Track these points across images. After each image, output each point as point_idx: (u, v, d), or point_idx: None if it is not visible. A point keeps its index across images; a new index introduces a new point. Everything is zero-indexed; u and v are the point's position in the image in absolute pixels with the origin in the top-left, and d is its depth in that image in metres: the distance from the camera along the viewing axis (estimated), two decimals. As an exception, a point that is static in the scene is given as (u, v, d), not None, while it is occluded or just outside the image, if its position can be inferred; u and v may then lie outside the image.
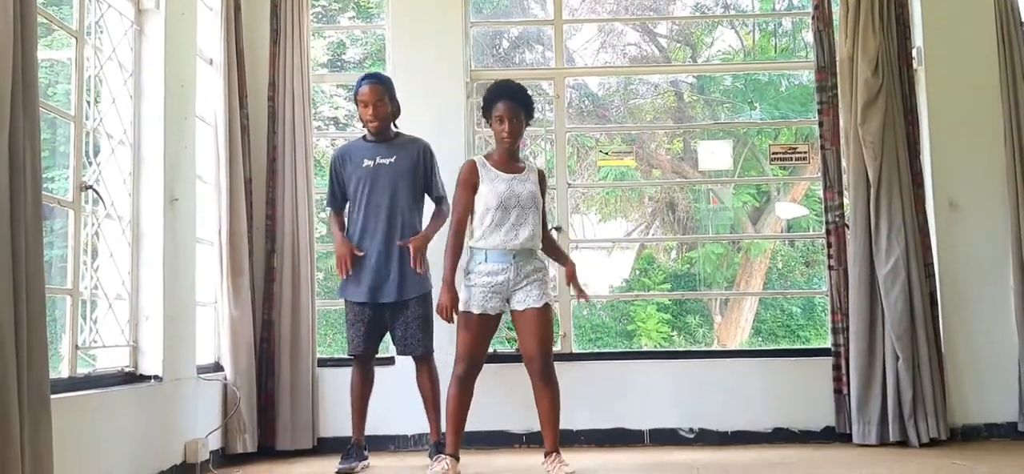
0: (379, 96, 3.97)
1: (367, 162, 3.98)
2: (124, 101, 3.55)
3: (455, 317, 3.64)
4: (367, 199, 3.96)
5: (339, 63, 10.46)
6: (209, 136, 4.26)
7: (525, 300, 3.66)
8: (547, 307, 3.66)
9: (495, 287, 3.63)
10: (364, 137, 4.09)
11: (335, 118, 10.37)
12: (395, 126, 4.11)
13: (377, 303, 3.92)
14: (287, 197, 4.55)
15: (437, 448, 3.85)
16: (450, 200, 3.92)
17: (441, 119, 4.62)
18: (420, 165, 4.02)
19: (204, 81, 4.20)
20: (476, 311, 3.62)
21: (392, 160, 3.98)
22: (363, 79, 4.02)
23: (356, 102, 4.02)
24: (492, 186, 3.65)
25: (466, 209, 3.70)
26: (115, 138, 3.49)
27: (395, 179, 3.95)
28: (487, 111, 3.74)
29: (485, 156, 3.80)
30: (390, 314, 3.95)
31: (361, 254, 3.92)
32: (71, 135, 3.20)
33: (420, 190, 4.03)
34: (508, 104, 3.67)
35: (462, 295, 3.67)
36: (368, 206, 3.95)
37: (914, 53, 4.68)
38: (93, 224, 3.33)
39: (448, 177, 4.04)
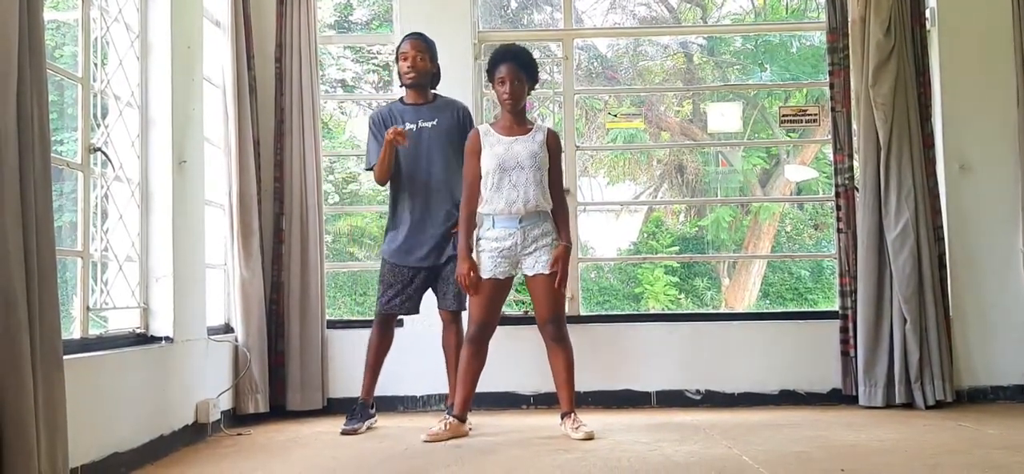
0: (419, 50, 3.99)
1: (408, 125, 3.95)
2: (131, 63, 3.55)
3: (475, 282, 3.67)
4: (410, 163, 3.94)
5: (346, 24, 10.40)
6: (217, 98, 4.26)
7: (535, 265, 3.70)
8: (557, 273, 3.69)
9: (503, 252, 3.69)
10: (402, 100, 4.08)
11: (342, 80, 10.34)
12: (433, 90, 4.11)
13: (419, 266, 3.94)
14: (295, 159, 4.55)
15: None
16: None
17: (448, 80, 4.58)
18: (460, 128, 4.00)
19: (211, 42, 4.19)
20: (486, 276, 3.68)
21: (433, 123, 3.98)
22: (407, 36, 4.07)
23: (397, 59, 4.04)
24: (491, 150, 3.70)
25: (475, 177, 3.75)
26: (123, 100, 3.49)
27: (437, 142, 3.95)
28: (490, 74, 3.78)
29: (491, 123, 3.86)
30: (430, 275, 3.97)
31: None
32: (78, 97, 3.21)
33: (459, 152, 4.01)
34: (509, 66, 3.70)
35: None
36: (410, 170, 3.94)
37: (927, 13, 4.62)
38: (102, 186, 3.34)
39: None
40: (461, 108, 4.07)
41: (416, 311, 4.04)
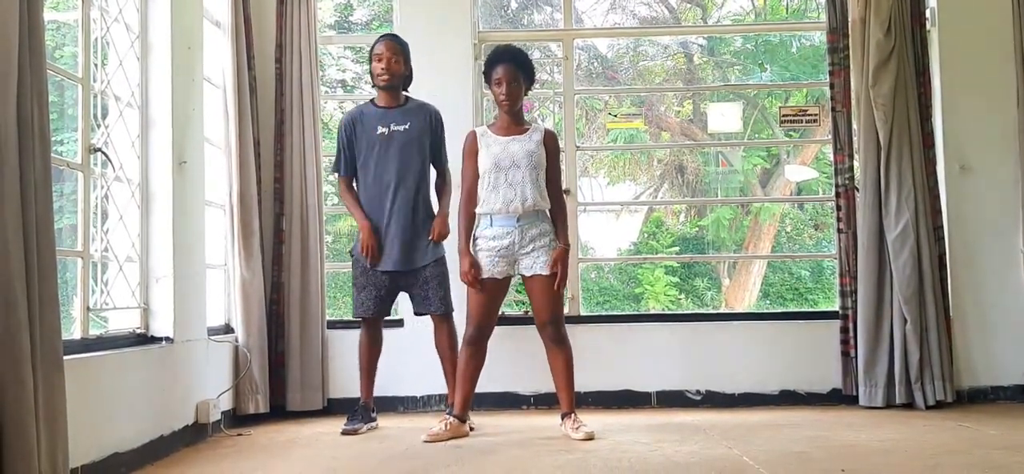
0: (394, 52, 3.96)
1: (381, 129, 3.94)
2: (131, 63, 3.55)
3: (477, 280, 3.67)
4: (382, 168, 3.92)
5: (346, 25, 10.40)
6: (217, 98, 4.26)
7: (533, 266, 3.69)
8: (555, 274, 3.69)
9: (500, 251, 3.69)
10: (373, 101, 4.06)
11: (342, 81, 10.34)
12: (404, 92, 4.09)
13: (388, 270, 3.93)
14: (295, 159, 4.55)
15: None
16: (450, 167, 4.02)
17: (448, 81, 4.60)
18: (432, 132, 4.00)
19: (211, 42, 4.19)
20: (483, 276, 3.69)
21: (405, 127, 3.95)
22: (381, 36, 4.05)
23: (370, 59, 4.01)
24: (488, 150, 3.71)
25: (473, 179, 3.75)
26: (123, 100, 3.49)
27: (409, 147, 3.93)
28: (487, 75, 3.78)
29: (488, 124, 3.87)
30: (404, 280, 3.96)
31: (379, 231, 3.90)
32: (79, 98, 3.20)
33: (432, 156, 4.03)
34: (506, 67, 3.70)
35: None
36: (382, 175, 3.92)
37: (927, 13, 4.62)
38: (102, 187, 3.34)
39: (455, 139, 4.03)
40: (433, 112, 4.04)
41: (387, 314, 4.05)
